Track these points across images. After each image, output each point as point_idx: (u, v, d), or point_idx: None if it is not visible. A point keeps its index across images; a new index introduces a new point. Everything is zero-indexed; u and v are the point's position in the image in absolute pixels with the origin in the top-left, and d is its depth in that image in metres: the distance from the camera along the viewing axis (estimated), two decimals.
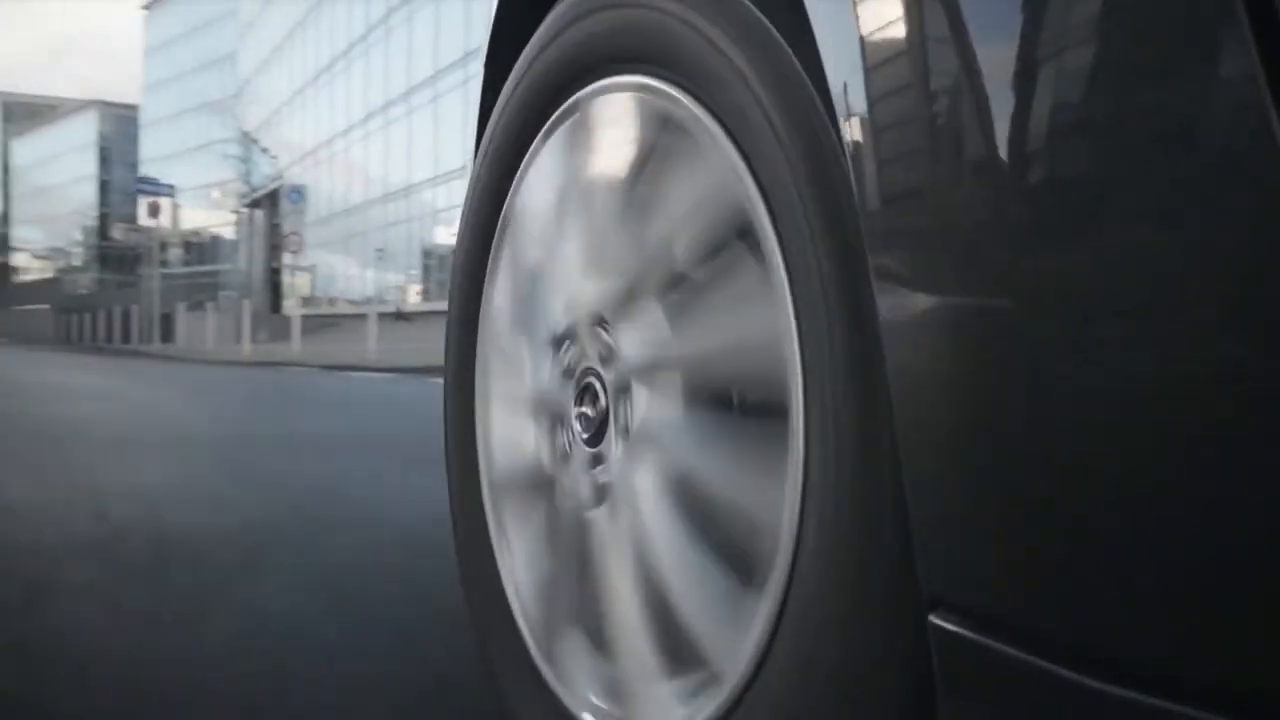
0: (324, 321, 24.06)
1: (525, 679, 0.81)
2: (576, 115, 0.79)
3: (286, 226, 27.56)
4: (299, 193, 28.11)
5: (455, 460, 0.96)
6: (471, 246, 0.94)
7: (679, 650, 0.64)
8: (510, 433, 0.88)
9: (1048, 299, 0.40)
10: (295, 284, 30.63)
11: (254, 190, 35.92)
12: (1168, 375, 0.36)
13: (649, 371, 0.69)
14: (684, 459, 0.65)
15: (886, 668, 0.51)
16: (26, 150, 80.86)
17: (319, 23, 30.14)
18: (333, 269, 29.88)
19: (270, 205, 34.88)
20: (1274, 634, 0.33)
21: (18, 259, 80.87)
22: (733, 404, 0.62)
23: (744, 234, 0.60)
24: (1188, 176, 0.35)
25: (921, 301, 0.46)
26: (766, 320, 0.57)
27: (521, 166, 0.86)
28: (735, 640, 0.58)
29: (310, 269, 29.08)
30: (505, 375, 0.90)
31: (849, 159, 0.50)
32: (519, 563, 0.86)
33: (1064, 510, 0.40)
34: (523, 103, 0.86)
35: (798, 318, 0.55)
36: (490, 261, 0.92)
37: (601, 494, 0.73)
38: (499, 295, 0.91)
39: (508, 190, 0.89)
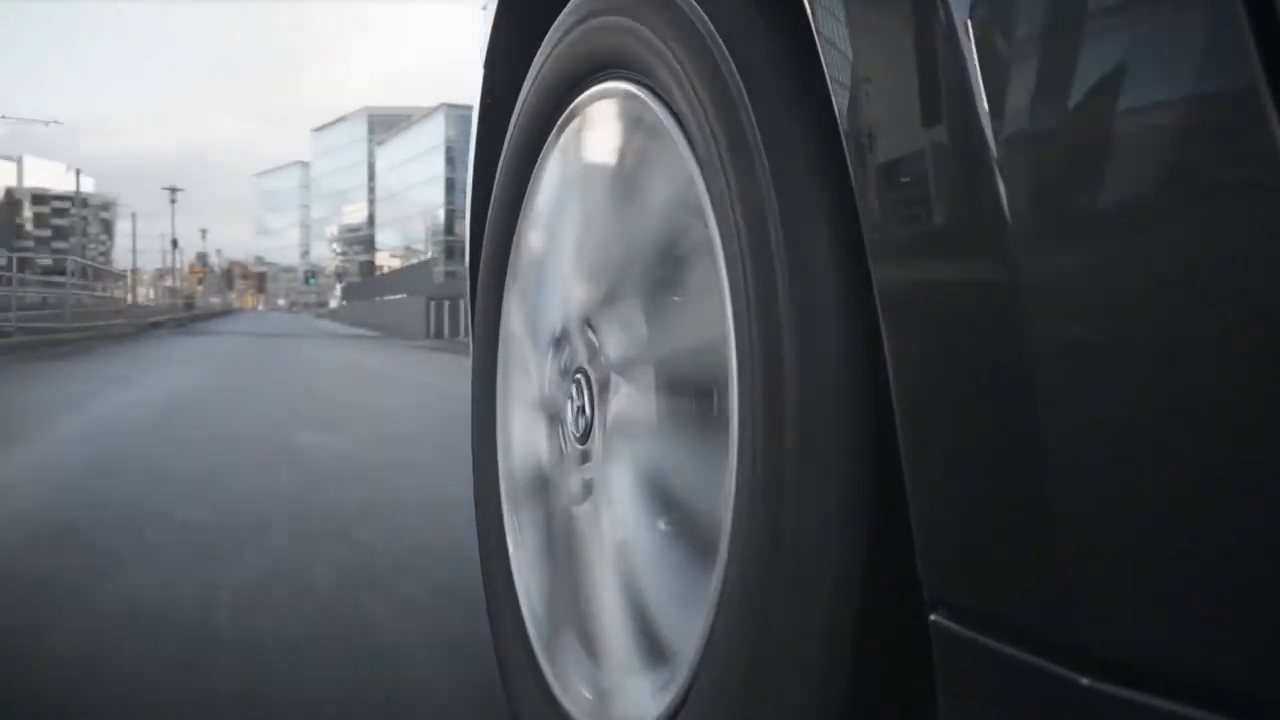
0: None
1: (529, 678, 0.84)
2: (570, 124, 0.84)
3: None
4: None
5: (478, 460, 1.02)
6: (494, 249, 1.00)
7: (654, 647, 0.65)
8: (523, 431, 0.92)
9: (1049, 299, 0.39)
10: None
11: None
12: (1167, 375, 0.35)
13: (625, 369, 0.72)
14: (656, 455, 0.68)
15: (886, 668, 0.51)
16: (386, 157, 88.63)
17: None
18: None
19: None
20: (1275, 634, 0.33)
21: (379, 257, 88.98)
22: (707, 400, 0.63)
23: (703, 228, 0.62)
24: (1187, 177, 0.34)
25: (921, 300, 0.46)
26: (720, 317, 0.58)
27: (534, 171, 0.91)
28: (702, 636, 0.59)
29: None
30: (520, 374, 0.94)
31: (849, 158, 0.49)
32: (527, 560, 0.90)
33: (1065, 509, 0.39)
34: (532, 110, 0.90)
35: (733, 315, 0.56)
36: (510, 265, 0.97)
37: (586, 490, 0.77)
38: (516, 296, 0.96)
39: (524, 194, 0.93)
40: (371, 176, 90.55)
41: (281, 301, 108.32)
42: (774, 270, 0.52)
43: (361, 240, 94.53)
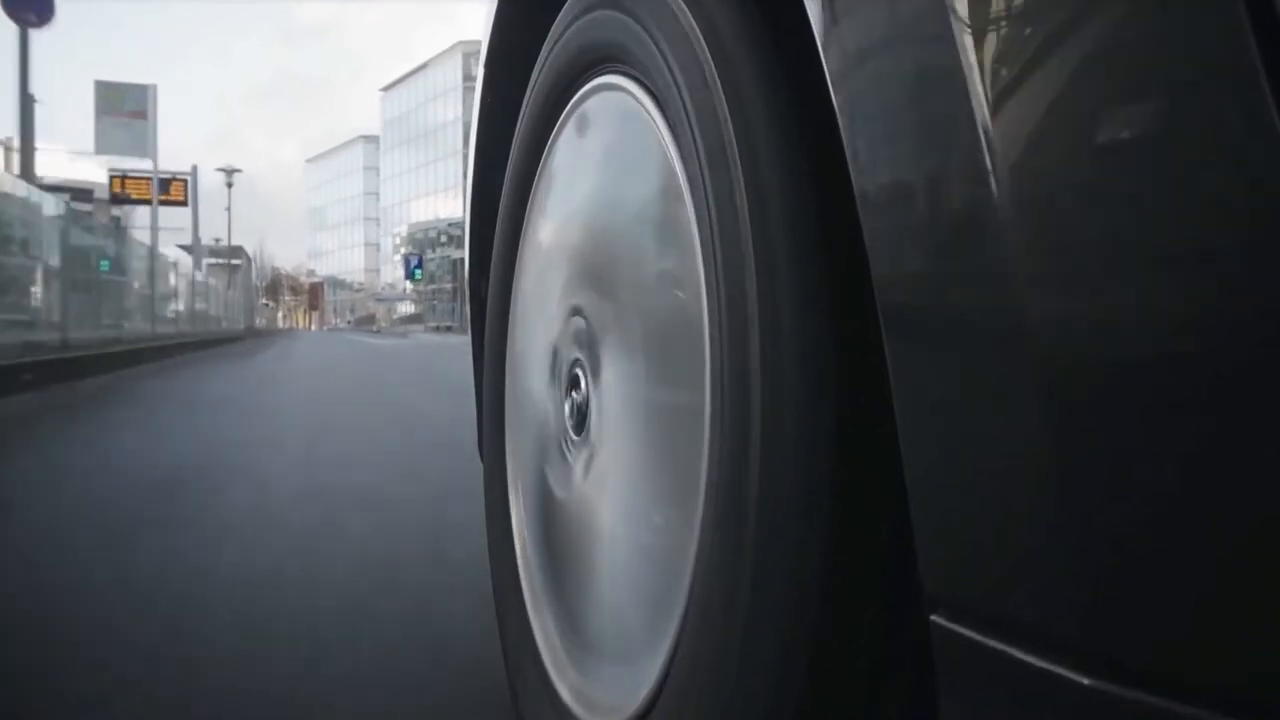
0: None
1: (537, 681, 0.86)
2: (571, 117, 0.87)
3: None
4: None
5: (488, 453, 1.06)
6: (506, 235, 1.03)
7: (648, 638, 0.65)
8: (528, 421, 0.95)
9: (1047, 298, 0.39)
10: None
11: None
12: (1169, 376, 0.36)
13: (615, 358, 0.74)
14: (646, 445, 0.69)
15: (887, 668, 0.52)
16: None
17: None
18: None
19: None
20: (1277, 633, 0.33)
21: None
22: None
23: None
24: (1190, 179, 0.35)
25: (923, 298, 0.46)
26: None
27: (540, 165, 0.95)
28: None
29: None
30: (526, 363, 0.97)
31: (849, 155, 0.49)
32: (531, 556, 0.92)
33: (1067, 509, 0.39)
34: (537, 106, 0.93)
35: (705, 305, 0.58)
36: (518, 257, 1.00)
37: (581, 479, 0.79)
38: (524, 291, 0.99)
39: (531, 189, 0.97)
40: (468, 140, 67.21)
41: (337, 320, 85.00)
42: (742, 265, 0.54)
43: (451, 235, 69.85)
